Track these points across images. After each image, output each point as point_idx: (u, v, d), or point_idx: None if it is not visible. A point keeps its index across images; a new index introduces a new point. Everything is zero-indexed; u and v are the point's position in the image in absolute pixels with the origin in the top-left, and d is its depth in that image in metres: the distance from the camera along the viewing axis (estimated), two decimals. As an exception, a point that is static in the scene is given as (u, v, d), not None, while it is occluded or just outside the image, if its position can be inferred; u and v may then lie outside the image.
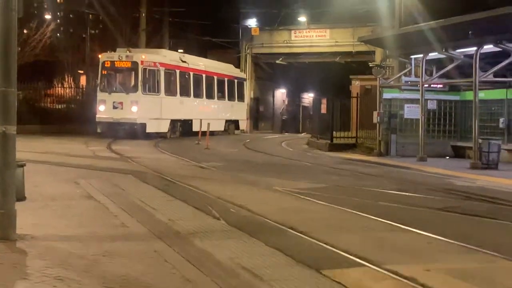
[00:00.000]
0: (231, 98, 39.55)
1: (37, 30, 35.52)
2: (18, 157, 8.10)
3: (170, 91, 32.30)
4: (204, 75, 35.98)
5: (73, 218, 9.70)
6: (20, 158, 8.26)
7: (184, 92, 33.68)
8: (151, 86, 30.87)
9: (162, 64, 31.61)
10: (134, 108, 29.80)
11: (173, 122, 32.74)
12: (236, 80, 40.38)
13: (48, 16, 42.40)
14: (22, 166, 8.26)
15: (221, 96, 38.30)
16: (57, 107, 38.32)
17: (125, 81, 31.62)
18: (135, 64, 30.43)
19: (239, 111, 41.28)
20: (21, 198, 8.24)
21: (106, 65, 31.09)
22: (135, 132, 29.66)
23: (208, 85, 36.56)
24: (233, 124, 40.03)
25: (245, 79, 42.63)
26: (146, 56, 31.02)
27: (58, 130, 32.37)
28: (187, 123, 33.88)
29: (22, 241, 7.81)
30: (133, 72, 30.83)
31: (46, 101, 38.32)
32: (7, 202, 7.82)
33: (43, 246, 7.67)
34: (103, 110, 30.29)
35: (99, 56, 32.31)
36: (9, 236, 7.82)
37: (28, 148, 19.88)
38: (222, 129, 38.07)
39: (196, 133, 31.47)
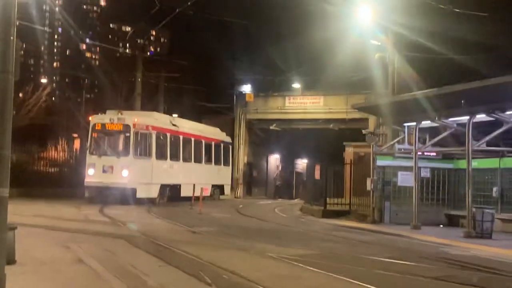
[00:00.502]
0: (217, 162, 38.72)
1: (33, 93, 35.81)
2: (9, 220, 8.02)
3: (160, 155, 31.41)
4: (192, 139, 35.26)
5: (63, 283, 9.55)
6: (12, 221, 8.18)
7: (174, 156, 32.85)
8: (142, 149, 30.06)
9: (154, 128, 30.89)
10: (125, 172, 28.89)
11: (163, 186, 31.58)
12: (222, 144, 39.64)
13: (44, 80, 42.78)
14: (13, 229, 8.17)
15: (208, 160, 37.44)
16: (50, 170, 38.24)
17: (116, 144, 30.42)
18: (127, 127, 29.66)
19: (225, 175, 40.29)
20: (11, 261, 8.12)
21: (96, 128, 30.14)
22: (124, 197, 28.39)
23: (196, 149, 35.79)
24: (218, 189, 38.87)
25: (231, 143, 41.80)
26: (138, 119, 30.23)
27: (51, 193, 32.08)
28: (176, 188, 32.89)
29: (10, 306, 7.67)
30: (125, 135, 29.84)
31: (39, 164, 38.26)
32: (-4, 266, 7.70)
33: (32, 311, 7.53)
34: (92, 174, 29.22)
35: (90, 118, 31.34)
36: (-2, 301, 7.68)
37: (20, 211, 19.72)
38: (208, 194, 36.68)
39: (184, 198, 31.30)
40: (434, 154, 26.03)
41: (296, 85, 46.61)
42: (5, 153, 7.90)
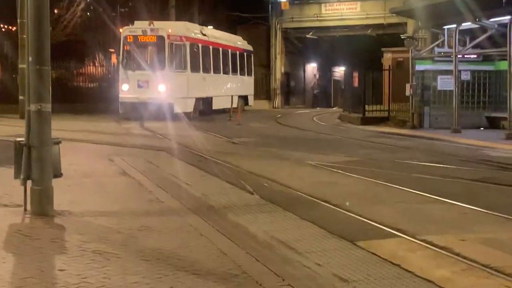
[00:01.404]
0: (242, 72, 37.44)
1: (68, 9, 35.72)
2: (53, 135, 8.20)
3: (195, 68, 29.98)
4: (220, 49, 33.75)
5: (108, 194, 9.82)
6: (54, 136, 8.36)
7: (206, 68, 31.55)
8: (177, 62, 28.35)
9: (187, 38, 29.12)
10: (162, 87, 27.33)
11: (197, 100, 30.29)
12: (245, 53, 38.23)
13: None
14: (58, 143, 8.36)
15: (234, 71, 36.17)
16: (89, 85, 38.60)
17: (150, 57, 28.58)
18: (161, 39, 27.87)
19: (249, 86, 38.94)
20: (58, 174, 8.34)
21: (128, 40, 28.32)
22: (161, 112, 26.76)
23: (225, 59, 34.41)
24: (242, 100, 36.90)
25: (252, 52, 40.19)
26: (172, 30, 28.35)
27: (91, 108, 32.43)
28: (207, 101, 31.70)
29: (60, 217, 7.95)
30: (159, 48, 28.10)
31: (78, 80, 38.62)
32: (44, 179, 7.95)
33: (81, 221, 7.80)
34: (127, 90, 27.83)
35: (120, 30, 29.29)
36: (47, 212, 7.96)
37: (62, 127, 20.04)
38: (236, 106, 34.34)
39: (215, 111, 31.04)
40: (475, 56, 25.54)
41: (332, -9, 45.65)
42: (45, 69, 8.01)
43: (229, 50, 35.11)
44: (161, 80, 27.37)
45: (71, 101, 32.52)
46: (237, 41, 37.80)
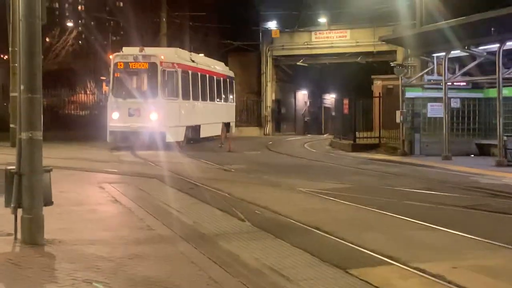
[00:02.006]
0: (225, 99, 36.56)
1: (60, 38, 35.91)
2: (44, 163, 8.19)
3: (185, 95, 29.07)
4: (207, 76, 32.76)
5: (99, 222, 9.78)
6: (46, 164, 8.35)
7: (195, 96, 30.52)
8: (170, 90, 27.34)
9: (179, 65, 28.22)
10: (154, 116, 26.23)
11: (187, 128, 29.34)
12: (227, 79, 37.22)
13: (70, 24, 42.81)
14: (49, 171, 8.34)
15: (219, 98, 35.16)
16: (80, 113, 38.66)
17: (142, 85, 27.49)
18: (153, 66, 26.71)
19: (231, 112, 38.03)
20: (48, 203, 8.31)
21: (119, 67, 27.03)
22: (153, 141, 25.92)
23: (211, 86, 33.41)
24: (225, 127, 35.52)
25: (233, 77, 39.13)
26: (165, 57, 27.38)
27: (82, 136, 32.41)
28: (196, 129, 30.63)
29: (50, 246, 7.90)
30: (151, 75, 26.91)
31: (69, 108, 38.71)
32: (35, 207, 7.91)
33: (71, 250, 7.75)
34: (117, 118, 26.48)
35: (110, 56, 28.02)
36: (37, 240, 7.92)
37: (53, 155, 20.01)
38: (219, 133, 33.57)
39: (203, 139, 30.60)
40: (464, 84, 25.72)
41: (322, 20, 45.97)
42: (36, 98, 8.02)
43: (214, 77, 34.28)
44: (153, 108, 26.36)
45: (62, 128, 32.55)
46: (220, 67, 37.05)
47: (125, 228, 9.31)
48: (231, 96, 37.92)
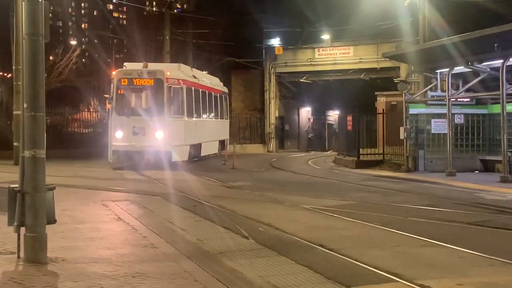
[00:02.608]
0: (222, 116, 35.57)
1: (63, 56, 36.03)
2: (47, 181, 8.18)
3: (189, 113, 27.89)
4: (207, 92, 31.76)
5: (102, 240, 9.75)
6: (49, 182, 8.34)
7: (197, 113, 29.50)
8: (175, 107, 26.28)
9: (184, 81, 27.18)
10: (160, 134, 25.22)
11: (191, 147, 28.17)
12: (223, 96, 36.33)
13: (73, 42, 42.99)
14: (52, 189, 8.32)
15: (217, 115, 34.27)
16: (83, 131, 38.71)
17: (147, 102, 26.31)
18: (159, 82, 25.63)
19: (226, 129, 37.08)
20: (52, 221, 8.29)
21: (123, 84, 25.72)
22: (158, 161, 24.98)
23: (210, 103, 32.48)
24: (220, 145, 35.04)
25: (228, 93, 38.38)
26: (171, 73, 26.23)
27: (85, 154, 32.39)
28: (197, 147, 29.58)
29: (53, 264, 7.87)
30: (157, 91, 25.72)
31: (73, 126, 38.75)
32: (38, 225, 7.89)
33: (74, 268, 7.71)
34: (120, 137, 25.35)
35: (113, 73, 26.78)
36: (41, 259, 7.89)
37: (56, 173, 20.05)
38: (216, 151, 33.67)
39: (203, 157, 30.13)
40: (467, 100, 25.74)
41: (325, 36, 46.11)
42: (40, 116, 8.02)
43: (213, 93, 33.29)
44: (159, 127, 25.25)
45: (65, 147, 32.56)
46: (215, 82, 35.83)
47: (129, 246, 9.27)
48: (226, 113, 37.17)
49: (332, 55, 45.97)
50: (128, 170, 24.88)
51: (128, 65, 27.38)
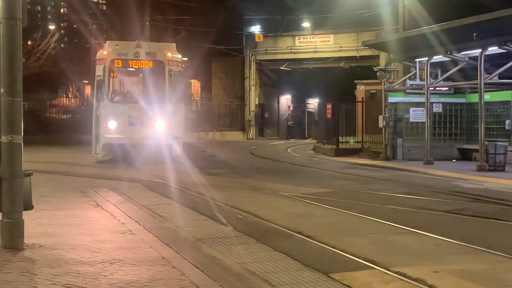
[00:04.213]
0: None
1: (41, 40, 35.69)
2: (24, 167, 8.11)
3: (185, 100, 25.16)
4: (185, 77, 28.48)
5: (80, 226, 9.70)
6: (26, 168, 8.27)
7: (187, 100, 27.25)
8: (176, 94, 23.02)
9: (181, 64, 23.89)
10: (160, 125, 21.90)
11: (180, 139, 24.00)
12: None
13: (52, 27, 42.58)
14: (29, 175, 8.26)
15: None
16: (62, 117, 38.45)
17: (145, 87, 22.77)
18: (159, 65, 22.23)
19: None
20: (29, 207, 8.23)
21: (116, 65, 22.17)
22: (158, 156, 21.55)
23: (188, 89, 30.61)
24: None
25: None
26: (172, 54, 22.82)
27: (64, 140, 32.19)
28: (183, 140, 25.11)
29: (30, 250, 7.83)
30: (157, 75, 22.28)
31: (51, 111, 38.47)
32: (15, 211, 7.84)
33: (51, 255, 7.68)
34: (114, 128, 21.72)
35: (104, 53, 22.62)
36: (18, 245, 7.84)
37: (34, 158, 19.90)
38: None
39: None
40: (446, 89, 25.90)
41: (306, 24, 46.12)
42: (17, 101, 7.95)
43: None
44: (159, 116, 21.89)
45: (43, 132, 32.36)
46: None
47: (107, 232, 9.24)
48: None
49: (313, 43, 46.03)
50: (108, 157, 24.74)
51: (120, 44, 23.81)
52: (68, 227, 9.62)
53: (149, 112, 21.72)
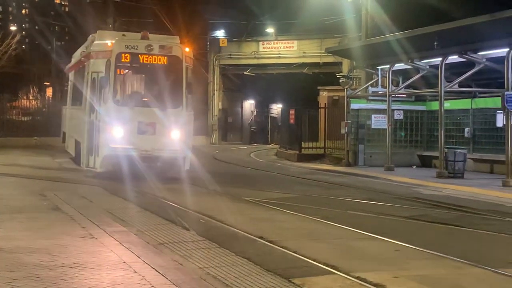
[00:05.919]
0: None
1: (2, 41, 35.21)
2: (-16, 168, 8.01)
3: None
4: None
5: (40, 230, 9.59)
6: (-14, 170, 8.17)
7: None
8: (190, 97, 19.58)
9: (191, 61, 20.27)
10: (175, 134, 18.39)
11: None
12: None
13: (13, 28, 42.06)
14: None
15: None
16: (22, 119, 37.96)
17: (158, 88, 18.66)
18: (176, 61, 18.62)
19: None
20: (-12, 210, 8.12)
21: (124, 60, 18.25)
22: (170, 170, 18.79)
23: None
24: None
25: None
26: (189, 50, 19.66)
27: (24, 142, 31.79)
28: None
29: (-12, 254, 7.71)
30: (172, 74, 18.69)
31: (11, 113, 37.92)
32: (-27, 214, 7.72)
33: (11, 258, 7.57)
34: (121, 136, 17.78)
35: (108, 44, 18.44)
36: (-25, 248, 7.72)
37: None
38: None
39: None
40: (404, 96, 26.20)
41: (270, 30, 46.28)
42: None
43: None
44: (175, 124, 18.34)
45: (2, 134, 31.85)
46: None
47: (67, 236, 9.15)
48: None
49: (276, 49, 46.20)
50: (67, 159, 24.48)
51: (128, 35, 20.36)
52: (27, 230, 9.50)
53: (164, 118, 18.15)
